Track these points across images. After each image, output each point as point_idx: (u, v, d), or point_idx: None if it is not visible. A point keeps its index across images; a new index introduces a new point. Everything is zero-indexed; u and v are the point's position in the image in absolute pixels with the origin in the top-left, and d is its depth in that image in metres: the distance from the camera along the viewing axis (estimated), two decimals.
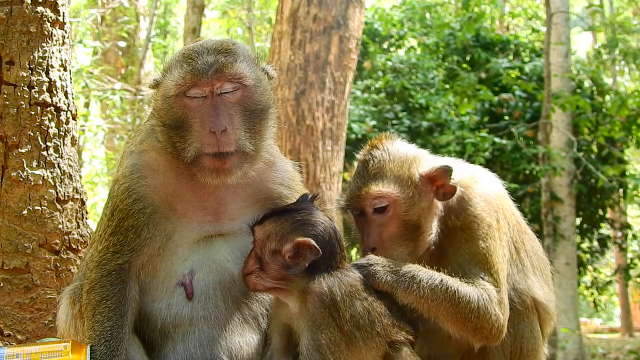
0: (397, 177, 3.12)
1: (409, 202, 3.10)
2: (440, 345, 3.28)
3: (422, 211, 3.12)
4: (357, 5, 9.18)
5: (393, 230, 3.11)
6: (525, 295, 3.22)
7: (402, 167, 3.15)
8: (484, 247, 3.07)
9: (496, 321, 2.99)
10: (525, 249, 3.36)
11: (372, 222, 3.14)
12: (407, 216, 3.10)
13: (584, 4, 26.03)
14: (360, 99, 16.41)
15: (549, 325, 3.36)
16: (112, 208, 2.97)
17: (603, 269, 21.60)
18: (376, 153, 3.21)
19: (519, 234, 3.35)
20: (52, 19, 3.88)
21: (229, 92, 2.85)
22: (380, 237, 3.11)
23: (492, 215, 3.16)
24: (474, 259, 3.06)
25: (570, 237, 15.03)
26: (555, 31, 15.42)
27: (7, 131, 3.71)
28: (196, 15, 16.02)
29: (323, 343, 2.72)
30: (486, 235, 3.09)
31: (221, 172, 2.86)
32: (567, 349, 14.68)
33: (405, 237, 3.11)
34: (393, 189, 3.10)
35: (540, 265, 3.40)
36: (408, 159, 3.19)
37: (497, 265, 3.07)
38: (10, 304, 3.66)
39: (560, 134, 15.50)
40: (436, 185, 3.14)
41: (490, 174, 3.42)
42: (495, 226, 3.14)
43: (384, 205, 3.10)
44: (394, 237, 3.11)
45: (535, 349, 3.21)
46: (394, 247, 3.10)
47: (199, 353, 2.90)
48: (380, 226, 3.13)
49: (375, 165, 3.17)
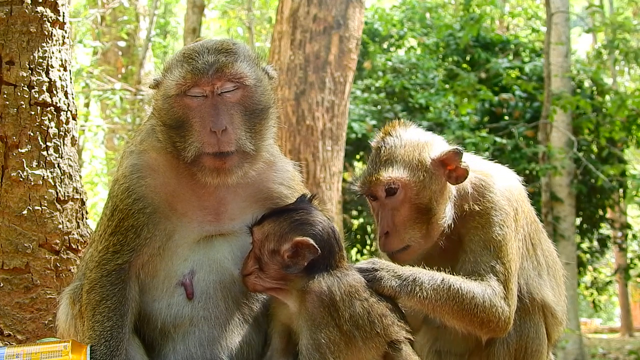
0: (408, 162, 3.18)
1: (419, 186, 3.15)
2: (449, 341, 3.30)
3: (433, 194, 3.16)
4: (357, 5, 9.18)
5: (405, 213, 3.16)
6: (535, 294, 3.23)
7: (412, 152, 3.20)
8: (499, 234, 3.10)
9: (502, 314, 3.01)
10: (542, 248, 3.38)
11: (385, 207, 3.19)
12: (419, 199, 3.15)
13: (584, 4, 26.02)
14: (360, 99, 16.41)
15: (557, 331, 3.36)
16: (112, 208, 2.97)
17: (603, 269, 21.59)
18: (388, 140, 3.27)
19: (536, 232, 3.38)
20: (52, 19, 3.88)
21: (229, 92, 2.85)
22: (393, 221, 3.15)
23: (511, 205, 3.20)
24: (487, 246, 3.09)
25: (570, 237, 15.03)
26: (555, 31, 15.42)
27: (7, 131, 3.71)
28: (196, 15, 16.02)
29: (322, 342, 2.72)
30: (503, 223, 3.12)
31: (221, 172, 2.86)
32: (567, 349, 14.69)
33: (418, 220, 3.15)
34: (403, 173, 3.15)
35: (555, 267, 3.42)
36: (419, 144, 3.24)
37: (510, 255, 3.09)
38: (10, 304, 3.66)
39: (561, 134, 15.51)
40: (448, 168, 3.19)
41: (509, 170, 3.47)
42: (512, 216, 3.18)
43: (394, 189, 3.15)
44: (406, 221, 3.15)
45: (539, 350, 3.21)
46: (406, 231, 3.15)
47: (199, 353, 2.90)
48: (392, 210, 3.17)
49: (386, 151, 3.23)
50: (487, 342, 3.16)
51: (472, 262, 3.08)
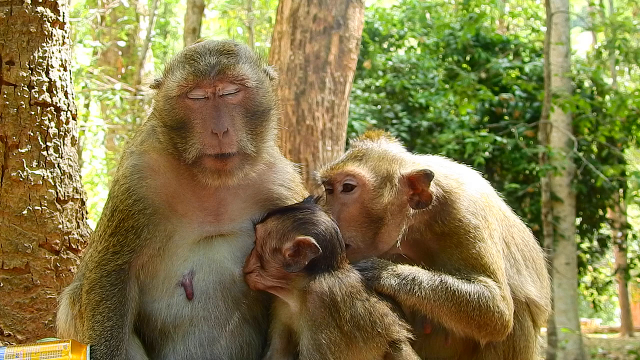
0: (376, 167, 3.14)
1: (377, 192, 3.10)
2: (437, 348, 3.28)
3: (388, 206, 3.09)
4: (357, 5, 9.18)
5: (353, 212, 3.11)
6: (518, 292, 3.21)
7: (385, 161, 3.17)
8: (475, 252, 3.07)
9: (500, 317, 3.00)
10: (515, 243, 3.35)
11: (336, 200, 3.16)
12: (371, 204, 3.09)
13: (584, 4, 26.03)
14: (360, 98, 16.42)
15: (541, 318, 3.34)
16: (112, 209, 2.97)
17: (603, 269, 21.59)
18: (367, 142, 3.26)
19: (507, 228, 3.34)
20: (52, 19, 3.89)
21: (231, 94, 2.85)
22: (338, 215, 3.10)
23: (478, 215, 3.14)
24: (468, 264, 3.07)
25: (570, 237, 15.02)
26: (555, 31, 15.42)
27: (7, 131, 3.71)
28: (196, 15, 16.03)
29: (323, 343, 2.72)
30: (474, 239, 3.08)
31: (222, 173, 2.85)
32: (567, 349, 14.69)
33: (364, 225, 3.10)
34: (366, 173, 3.12)
35: (532, 256, 3.38)
36: (395, 157, 3.20)
37: (493, 264, 3.07)
38: (10, 304, 3.66)
39: (560, 134, 15.51)
40: (415, 191, 3.12)
41: (474, 173, 3.41)
42: (483, 226, 3.13)
43: (351, 185, 3.12)
44: (350, 219, 3.10)
45: (527, 346, 3.21)
46: (348, 229, 3.08)
47: (199, 353, 2.90)
48: (342, 205, 3.13)
49: (361, 150, 3.22)
50: (474, 348, 3.15)
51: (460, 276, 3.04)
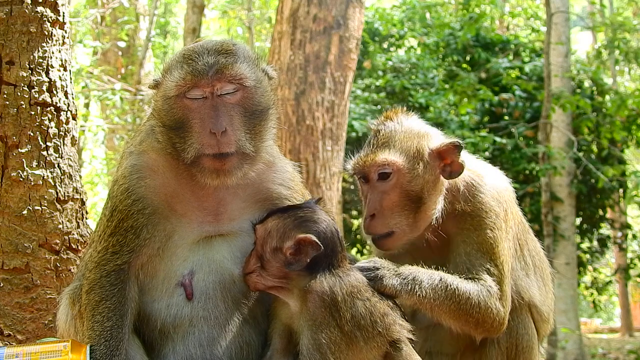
0: (405, 148, 3.17)
1: (413, 173, 3.14)
2: (440, 342, 3.30)
3: (425, 184, 3.14)
4: (357, 5, 9.18)
5: (394, 198, 3.14)
6: (523, 293, 3.26)
7: (411, 139, 3.19)
8: (491, 237, 3.10)
9: (497, 315, 3.02)
10: (529, 248, 3.39)
11: (375, 189, 3.18)
12: (410, 186, 3.13)
13: (584, 3, 26.02)
14: (360, 98, 16.41)
15: (544, 328, 3.38)
16: (111, 208, 2.97)
17: (603, 269, 21.59)
18: (389, 124, 3.27)
19: (523, 233, 3.39)
20: (52, 19, 3.89)
21: (229, 93, 2.84)
22: (381, 204, 3.13)
23: (501, 207, 3.19)
24: (481, 248, 3.09)
25: (570, 237, 15.03)
26: (555, 31, 15.42)
27: (7, 131, 3.71)
28: (196, 15, 16.02)
29: (323, 342, 2.72)
30: (494, 225, 3.12)
31: (221, 173, 2.85)
32: (567, 349, 14.69)
33: (406, 207, 3.14)
34: (398, 158, 3.14)
35: (542, 266, 3.43)
36: (419, 133, 3.23)
37: (503, 256, 3.10)
38: (10, 304, 3.66)
39: (561, 134, 15.51)
40: (444, 162, 3.17)
41: (499, 170, 3.46)
42: (503, 217, 3.17)
43: (387, 173, 3.14)
44: (394, 206, 3.13)
45: (530, 346, 3.24)
46: (392, 216, 3.13)
47: (199, 353, 2.90)
48: (382, 193, 3.16)
49: (385, 134, 3.22)
50: (477, 344, 3.17)
51: (467, 263, 3.09)
